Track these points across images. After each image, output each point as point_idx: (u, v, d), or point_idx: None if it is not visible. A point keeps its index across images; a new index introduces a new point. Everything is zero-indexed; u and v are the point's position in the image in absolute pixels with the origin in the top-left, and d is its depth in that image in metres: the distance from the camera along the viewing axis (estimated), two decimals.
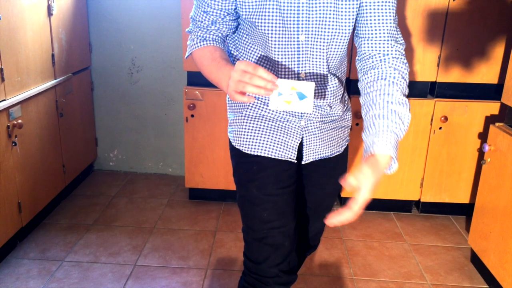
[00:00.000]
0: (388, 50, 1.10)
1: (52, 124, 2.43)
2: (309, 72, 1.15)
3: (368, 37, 1.12)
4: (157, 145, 3.07)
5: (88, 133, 2.95)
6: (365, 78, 1.11)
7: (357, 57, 1.17)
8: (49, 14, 2.33)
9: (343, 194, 2.60)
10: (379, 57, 1.10)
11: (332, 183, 1.31)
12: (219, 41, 1.18)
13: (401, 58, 1.11)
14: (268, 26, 1.10)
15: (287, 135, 1.19)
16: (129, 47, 2.89)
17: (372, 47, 1.12)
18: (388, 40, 1.11)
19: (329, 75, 1.17)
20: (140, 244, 2.29)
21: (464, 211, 2.63)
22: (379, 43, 1.11)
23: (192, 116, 2.50)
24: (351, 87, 2.36)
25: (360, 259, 2.22)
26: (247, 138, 1.19)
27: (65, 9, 2.50)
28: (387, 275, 2.11)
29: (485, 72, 2.36)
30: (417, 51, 2.34)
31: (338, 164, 1.30)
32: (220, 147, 2.55)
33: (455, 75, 2.39)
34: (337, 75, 1.22)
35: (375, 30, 1.11)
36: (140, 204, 2.70)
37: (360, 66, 1.15)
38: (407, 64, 1.12)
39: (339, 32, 1.11)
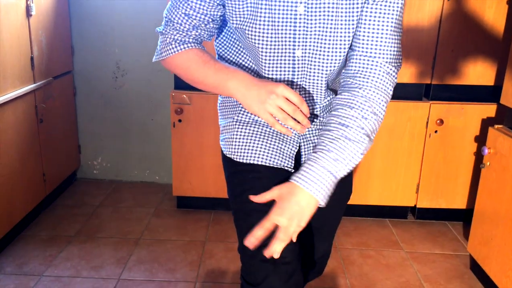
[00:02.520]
0: (372, 74, 0.97)
1: (31, 130, 2.31)
2: (304, 89, 1.05)
3: (358, 52, 0.99)
4: (143, 152, 2.95)
5: (71, 140, 2.82)
6: (338, 98, 1.00)
7: (344, 69, 1.05)
8: (28, 15, 2.21)
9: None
10: (360, 81, 0.98)
11: (336, 199, 1.19)
12: (199, 46, 1.05)
13: (385, 87, 0.98)
14: (260, 38, 0.98)
15: (283, 142, 1.08)
16: (113, 50, 2.78)
17: (358, 64, 0.99)
18: (377, 61, 0.98)
19: (325, 90, 1.07)
20: (124, 256, 2.16)
21: (461, 216, 2.56)
22: (367, 63, 0.98)
23: (180, 121, 2.40)
24: None
25: (356, 268, 2.13)
26: (239, 145, 1.08)
27: (45, 10, 2.39)
28: (385, 285, 2.02)
29: (481, 74, 2.30)
30: (411, 53, 2.28)
31: (342, 178, 1.19)
32: (209, 153, 2.44)
33: (450, 77, 2.32)
34: (335, 88, 1.12)
35: (367, 46, 0.98)
36: (126, 214, 2.58)
37: (342, 80, 1.03)
38: (389, 93, 0.99)
39: (339, 46, 1.00)
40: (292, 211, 0.92)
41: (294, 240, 0.95)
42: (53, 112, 2.55)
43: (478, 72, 2.30)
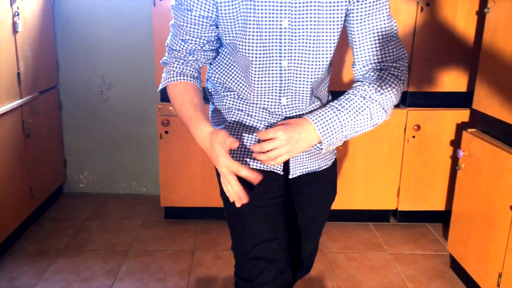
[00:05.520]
0: (374, 76, 1.09)
1: (19, 145, 2.32)
2: (291, 97, 1.13)
3: (361, 65, 1.11)
4: (129, 164, 2.98)
5: (57, 154, 2.84)
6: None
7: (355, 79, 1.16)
8: (14, 31, 2.24)
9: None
10: (363, 82, 1.11)
11: (322, 199, 1.27)
12: (196, 75, 1.14)
13: (390, 83, 1.07)
14: (250, 51, 1.07)
15: None
16: (98, 64, 2.82)
17: (361, 74, 1.12)
18: (375, 67, 1.09)
19: (310, 97, 1.15)
20: (114, 267, 2.19)
21: (440, 218, 2.66)
22: (368, 71, 1.10)
23: (167, 132, 2.45)
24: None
25: (342, 271, 2.20)
26: (230, 151, 1.15)
27: (31, 26, 2.42)
28: (370, 286, 2.09)
29: (454, 81, 2.42)
30: None
31: (327, 179, 1.27)
32: (196, 163, 2.49)
33: (425, 84, 2.44)
34: (318, 95, 1.21)
35: (365, 58, 1.10)
36: (113, 226, 2.60)
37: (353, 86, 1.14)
38: (398, 83, 1.08)
39: (322, 56, 1.09)
40: (292, 136, 0.99)
41: (272, 163, 1.01)
42: (39, 127, 2.57)
43: (451, 79, 2.42)
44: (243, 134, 1.16)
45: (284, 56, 1.07)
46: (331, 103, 1.06)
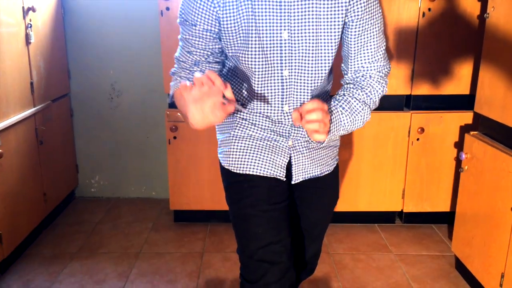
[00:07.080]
0: (366, 84, 1.20)
1: (32, 152, 2.40)
2: (293, 105, 1.19)
3: (352, 71, 1.20)
4: (139, 169, 3.05)
5: (69, 160, 2.91)
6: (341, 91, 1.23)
7: (342, 80, 1.25)
8: (27, 42, 2.32)
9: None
10: (357, 86, 1.21)
11: (324, 204, 1.32)
12: None
13: (375, 90, 1.20)
14: (252, 62, 1.12)
15: (275, 154, 1.21)
16: (108, 72, 2.89)
17: (352, 78, 1.21)
18: (368, 74, 1.19)
19: None
20: (126, 270, 2.25)
21: (445, 219, 2.69)
22: (360, 78, 1.20)
23: (175, 138, 2.51)
24: None
25: (348, 272, 2.24)
26: (236, 158, 1.21)
27: (43, 37, 2.50)
28: (375, 287, 2.13)
29: (457, 84, 2.46)
30: (391, 66, 2.42)
31: (329, 184, 1.32)
32: (204, 167, 2.56)
33: (428, 88, 2.47)
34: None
35: (357, 67, 1.19)
36: (125, 229, 2.67)
37: (342, 88, 1.24)
38: (380, 92, 1.21)
39: (321, 65, 1.15)
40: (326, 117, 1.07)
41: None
42: (52, 134, 2.64)
43: (454, 82, 2.46)
44: (248, 142, 1.21)
45: (285, 66, 1.13)
46: (335, 104, 1.16)
